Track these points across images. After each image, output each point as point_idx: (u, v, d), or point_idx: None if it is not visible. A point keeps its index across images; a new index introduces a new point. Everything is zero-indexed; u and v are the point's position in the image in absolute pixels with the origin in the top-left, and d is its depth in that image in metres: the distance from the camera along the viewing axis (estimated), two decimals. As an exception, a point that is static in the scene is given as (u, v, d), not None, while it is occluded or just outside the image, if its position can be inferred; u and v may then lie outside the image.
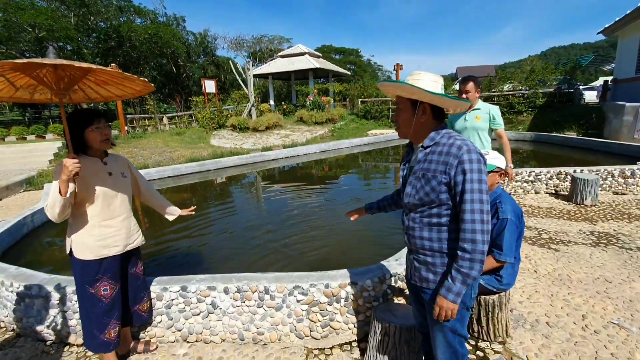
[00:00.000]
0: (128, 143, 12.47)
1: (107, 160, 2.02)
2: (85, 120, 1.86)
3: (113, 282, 2.00)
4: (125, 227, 2.04)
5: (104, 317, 1.98)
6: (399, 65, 17.40)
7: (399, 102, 1.42)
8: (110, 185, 1.96)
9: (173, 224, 4.86)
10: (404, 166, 1.56)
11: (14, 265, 3.51)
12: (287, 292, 2.32)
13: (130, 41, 23.53)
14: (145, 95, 17.36)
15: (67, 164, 1.63)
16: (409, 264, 1.56)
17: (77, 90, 2.08)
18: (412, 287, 1.60)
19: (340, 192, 6.31)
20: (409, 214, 1.47)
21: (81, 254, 1.90)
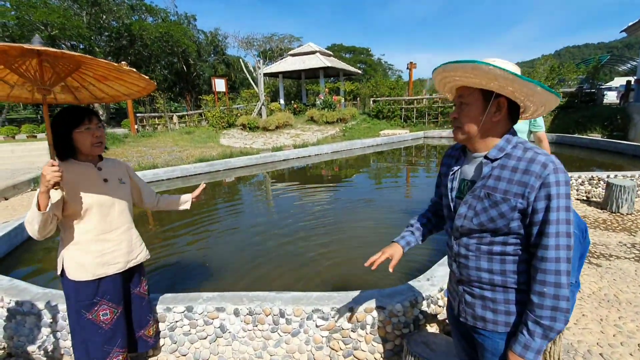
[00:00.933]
0: (137, 142, 12.37)
1: (101, 165, 1.76)
2: (72, 120, 1.60)
3: (114, 305, 1.74)
4: (125, 240, 1.78)
5: (105, 346, 1.72)
6: (412, 63, 16.96)
7: (464, 93, 1.10)
8: (107, 193, 1.71)
9: (176, 228, 4.63)
10: (452, 176, 1.24)
11: (10, 273, 3.33)
12: (305, 315, 2.04)
13: (141, 40, 23.55)
14: (155, 94, 17.27)
15: (45, 172, 1.36)
16: (455, 295, 1.26)
17: (80, 89, 1.82)
18: (459, 323, 1.30)
19: (357, 195, 6.01)
20: (460, 238, 1.17)
21: (75, 274, 1.64)
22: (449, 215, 1.23)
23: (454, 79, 1.11)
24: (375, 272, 3.23)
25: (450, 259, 1.24)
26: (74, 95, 1.86)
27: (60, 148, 1.61)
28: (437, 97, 15.45)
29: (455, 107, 1.15)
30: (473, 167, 1.16)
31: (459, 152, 1.25)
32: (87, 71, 1.64)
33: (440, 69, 1.10)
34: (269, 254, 3.71)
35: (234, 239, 4.17)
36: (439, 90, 1.25)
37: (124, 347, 1.79)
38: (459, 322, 1.28)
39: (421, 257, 3.52)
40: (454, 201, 1.20)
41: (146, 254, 1.93)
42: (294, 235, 4.21)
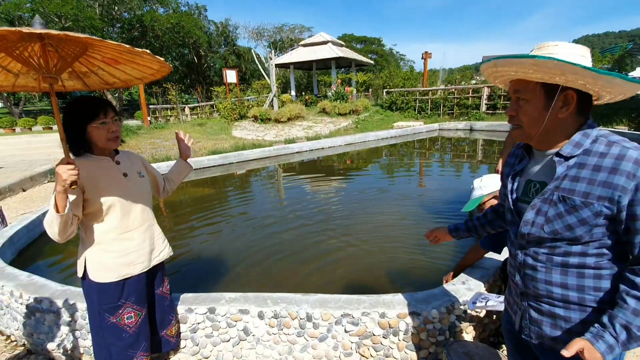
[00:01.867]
0: (151, 134, 12.39)
1: (119, 159, 1.65)
2: (87, 113, 1.47)
3: (138, 308, 1.65)
4: (148, 237, 1.69)
5: (129, 350, 1.63)
6: (427, 53, 16.48)
7: (521, 88, 0.94)
8: (128, 189, 1.60)
9: (189, 222, 4.56)
10: (514, 176, 1.08)
11: (29, 267, 3.31)
12: (334, 320, 1.92)
13: (153, 31, 23.57)
14: (167, 85, 17.25)
15: (60, 171, 1.24)
16: (516, 309, 1.12)
17: (89, 74, 1.68)
18: (518, 339, 1.16)
19: (374, 189, 5.85)
20: (527, 247, 1.03)
21: (99, 276, 1.54)
22: (511, 221, 1.09)
23: (509, 73, 0.95)
24: (399, 272, 3.10)
25: (512, 269, 1.10)
26: (83, 82, 1.72)
27: (74, 142, 1.50)
28: (452, 87, 15.04)
29: (511, 103, 1.00)
30: (540, 167, 1.01)
31: (522, 151, 1.09)
32: (95, 54, 1.49)
33: (490, 63, 0.94)
34: (285, 250, 3.60)
35: (250, 234, 4.08)
36: (489, 82, 1.08)
37: (147, 350, 1.71)
38: (519, 338, 1.14)
39: (448, 256, 3.36)
40: (516, 205, 1.05)
41: (169, 250, 1.84)
42: (312, 230, 4.10)
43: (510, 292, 1.17)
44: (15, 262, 3.16)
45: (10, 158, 9.88)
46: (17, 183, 6.86)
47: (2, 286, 2.39)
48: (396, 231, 3.98)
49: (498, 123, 12.34)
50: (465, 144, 10.57)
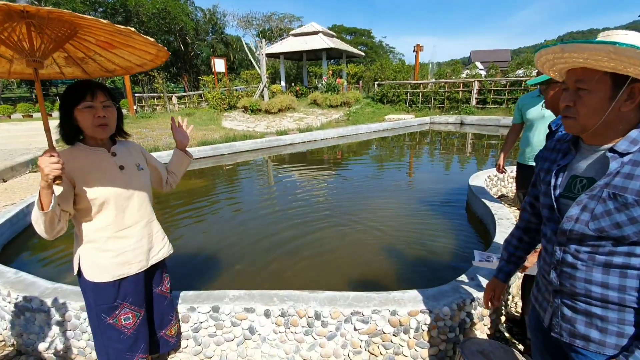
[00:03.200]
0: (137, 123, 12.01)
1: (116, 150, 1.52)
2: (72, 97, 1.34)
3: (136, 308, 1.55)
4: (146, 235, 1.57)
5: (127, 353, 1.55)
6: (419, 46, 16.42)
7: (586, 77, 0.89)
8: (124, 183, 1.48)
9: (183, 216, 4.44)
10: (557, 171, 1.03)
11: (14, 262, 3.14)
12: (343, 318, 1.87)
13: (137, 16, 22.71)
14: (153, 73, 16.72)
15: (42, 164, 1.12)
16: (546, 306, 1.08)
17: (86, 60, 1.55)
18: (546, 337, 1.13)
19: (370, 182, 5.81)
20: (567, 244, 0.99)
21: (94, 275, 1.45)
22: (549, 217, 1.04)
23: (576, 60, 0.88)
24: (402, 266, 3.08)
25: (547, 266, 1.06)
26: (82, 68, 1.59)
27: (64, 130, 1.40)
28: (443, 81, 15.08)
29: (567, 93, 0.94)
30: (590, 162, 0.96)
31: (567, 145, 1.04)
32: (87, 37, 1.36)
33: (555, 48, 0.88)
34: (285, 246, 3.53)
35: (247, 228, 3.99)
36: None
37: (146, 352, 1.63)
38: (547, 336, 1.11)
39: (448, 249, 3.35)
40: (558, 201, 1.01)
41: (169, 248, 1.74)
42: (311, 224, 4.03)
43: (539, 289, 1.13)
44: (0, 258, 3.00)
45: (-13, 147, 9.41)
46: (-4, 173, 6.53)
47: (-14, 284, 2.24)
48: (396, 225, 3.95)
49: (488, 117, 12.47)
50: (454, 137, 10.63)
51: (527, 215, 1.29)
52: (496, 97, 13.69)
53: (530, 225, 1.29)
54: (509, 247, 1.35)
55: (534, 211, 1.26)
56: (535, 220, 1.27)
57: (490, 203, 3.40)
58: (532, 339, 1.23)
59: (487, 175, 4.50)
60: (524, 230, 1.31)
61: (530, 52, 17.52)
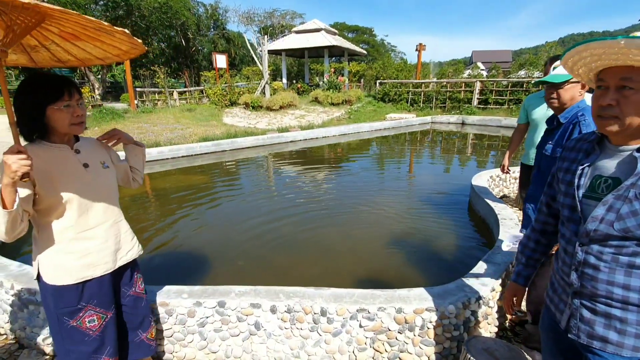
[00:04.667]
0: (138, 118, 11.98)
1: (79, 147, 1.44)
2: (49, 93, 1.27)
3: (102, 310, 1.46)
4: (112, 236, 1.49)
5: (92, 355, 1.45)
6: (421, 45, 16.39)
7: (633, 75, 0.87)
8: (88, 181, 1.40)
9: (183, 211, 4.43)
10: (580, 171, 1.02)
11: (17, 255, 3.14)
12: (349, 315, 1.88)
13: (139, 10, 22.56)
14: (155, 68, 16.64)
15: (9, 160, 1.06)
16: (564, 307, 1.08)
17: (38, 49, 1.44)
18: (562, 338, 1.13)
19: (372, 180, 5.81)
20: (589, 244, 0.98)
21: (55, 278, 1.35)
22: (570, 218, 1.04)
23: (621, 58, 0.85)
24: (403, 265, 3.08)
25: (566, 267, 1.06)
26: (29, 57, 1.48)
27: (28, 127, 1.30)
28: (445, 81, 15.07)
29: (607, 92, 0.92)
30: (616, 162, 0.95)
31: (591, 144, 1.04)
32: (52, 27, 1.27)
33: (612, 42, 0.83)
34: (288, 242, 3.54)
35: (250, 225, 3.98)
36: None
37: (114, 355, 1.52)
38: (562, 337, 1.11)
39: (451, 247, 3.36)
40: (581, 201, 1.00)
41: (138, 249, 1.65)
42: (313, 222, 4.04)
43: (554, 290, 1.13)
44: (2, 250, 2.98)
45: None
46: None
47: (-10, 276, 2.24)
48: (399, 224, 3.96)
49: (489, 118, 12.47)
50: (456, 137, 10.63)
51: (543, 217, 1.27)
52: (498, 98, 13.69)
53: (546, 227, 1.27)
54: (526, 250, 1.34)
55: (550, 212, 1.25)
56: (552, 221, 1.25)
57: (493, 203, 3.41)
58: (544, 338, 1.23)
59: (489, 175, 4.51)
60: (541, 232, 1.30)
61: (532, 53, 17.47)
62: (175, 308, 1.93)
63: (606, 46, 0.85)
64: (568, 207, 1.04)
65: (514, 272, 1.37)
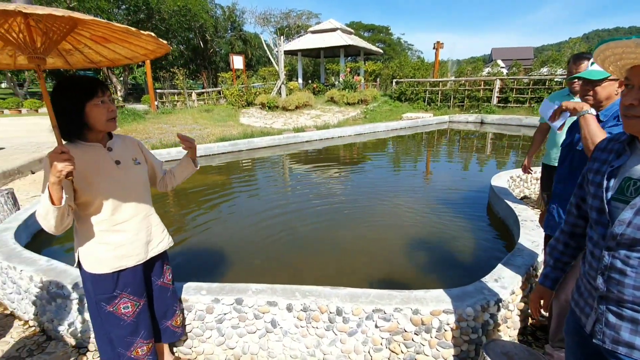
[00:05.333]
0: (158, 119, 12.29)
1: (111, 145, 1.53)
2: (86, 91, 1.35)
3: (135, 298, 1.57)
4: (144, 229, 1.58)
5: (128, 337, 1.59)
6: (439, 43, 16.15)
7: None
8: (120, 177, 1.49)
9: (202, 210, 4.52)
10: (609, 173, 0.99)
11: (44, 251, 3.28)
12: (365, 315, 1.87)
13: (159, 13, 23.16)
14: (174, 70, 17.04)
15: (54, 160, 1.15)
16: (589, 311, 1.05)
17: (73, 52, 1.55)
18: (586, 343, 1.10)
19: (391, 178, 5.77)
20: (617, 249, 0.95)
21: (92, 267, 1.48)
22: (598, 220, 1.00)
23: None
24: (419, 266, 3.05)
25: (592, 271, 1.02)
26: (65, 60, 1.58)
27: (69, 126, 1.38)
28: (463, 79, 14.78)
29: (632, 91, 0.89)
30: None
31: (622, 145, 1.00)
32: (84, 32, 1.36)
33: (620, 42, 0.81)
34: (304, 241, 3.56)
35: (266, 224, 4.03)
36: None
37: (148, 338, 1.65)
38: (588, 342, 1.08)
39: (467, 248, 3.30)
40: (609, 204, 0.97)
41: (169, 241, 1.74)
42: (328, 221, 4.04)
43: (580, 294, 1.10)
44: (30, 246, 3.12)
45: (16, 140, 9.83)
46: (26, 165, 6.83)
47: (20, 271, 2.35)
48: (415, 224, 3.92)
49: (510, 117, 12.16)
50: (474, 136, 10.41)
51: (572, 219, 1.23)
52: (518, 96, 13.33)
53: (576, 229, 1.23)
54: (555, 252, 1.30)
55: (580, 214, 1.21)
56: (582, 223, 1.21)
57: (513, 204, 3.32)
58: (568, 342, 1.20)
59: (509, 175, 4.40)
60: (570, 234, 1.25)
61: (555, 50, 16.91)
62: (195, 304, 1.98)
63: (622, 45, 0.83)
64: (596, 210, 1.01)
65: (541, 275, 1.34)
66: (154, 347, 1.70)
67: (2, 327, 2.39)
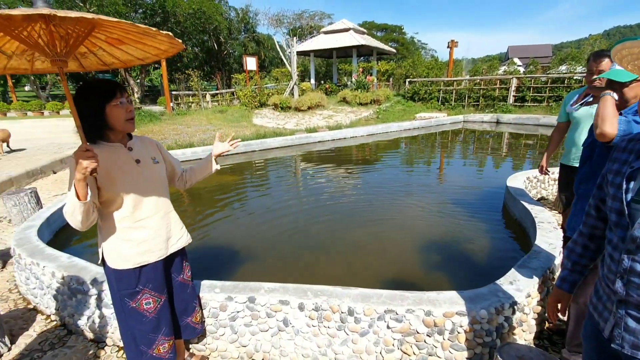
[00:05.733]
0: (173, 120, 12.53)
1: (131, 145, 1.58)
2: (105, 93, 1.41)
3: (156, 294, 1.62)
4: (164, 226, 1.64)
5: (150, 334, 1.64)
6: (453, 42, 15.92)
7: None
8: (140, 176, 1.55)
9: (214, 209, 4.58)
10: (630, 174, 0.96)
11: (66, 248, 3.39)
12: (377, 315, 1.87)
13: (175, 16, 23.60)
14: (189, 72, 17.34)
15: (79, 158, 1.21)
16: (608, 316, 1.02)
17: (87, 55, 1.60)
18: (604, 347, 1.07)
19: (403, 179, 5.74)
20: (636, 252, 0.92)
21: (116, 263, 1.53)
22: (618, 223, 0.98)
23: None
24: (432, 267, 3.02)
25: (612, 274, 1.00)
26: (79, 62, 1.63)
27: (91, 127, 1.43)
28: (479, 78, 14.53)
29: None
30: None
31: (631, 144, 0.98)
32: (100, 34, 1.40)
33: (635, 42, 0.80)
34: (316, 241, 3.57)
35: (278, 223, 4.06)
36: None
37: (170, 335, 1.70)
38: (606, 346, 1.05)
39: (480, 250, 3.25)
40: (629, 206, 0.94)
41: (188, 238, 1.79)
42: (341, 221, 4.05)
43: (599, 298, 1.07)
44: (53, 244, 3.23)
45: (39, 141, 10.18)
46: (48, 165, 7.06)
47: (43, 267, 2.44)
48: (429, 225, 3.88)
49: (527, 116, 11.89)
50: (490, 136, 10.22)
51: (591, 221, 1.20)
52: (536, 95, 13.03)
53: (595, 231, 1.20)
54: (573, 255, 1.26)
55: (599, 215, 1.17)
56: (601, 225, 1.18)
57: (530, 205, 3.25)
58: (586, 347, 1.17)
59: (526, 176, 4.31)
60: (589, 237, 1.22)
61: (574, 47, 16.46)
62: (209, 302, 2.02)
63: (638, 45, 0.81)
64: (615, 212, 0.98)
65: (558, 277, 1.31)
66: (174, 344, 1.75)
67: (26, 321, 2.49)
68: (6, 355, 2.15)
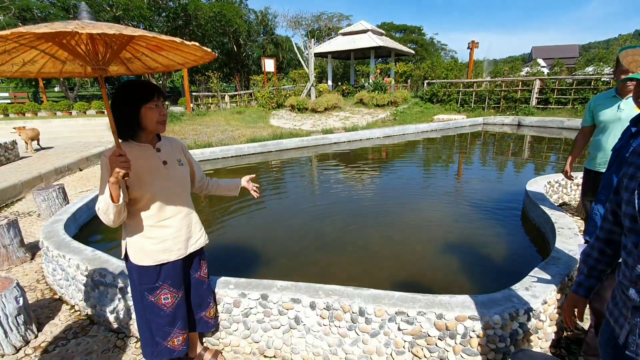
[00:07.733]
0: (193, 120, 12.82)
1: (160, 146, 1.64)
2: (142, 95, 1.47)
3: (174, 290, 1.69)
4: (185, 226, 1.69)
5: (166, 327, 1.71)
6: (474, 42, 15.61)
7: None
8: (167, 177, 1.60)
9: (231, 208, 4.66)
10: None
11: (91, 242, 3.54)
12: (387, 317, 1.87)
13: (196, 19, 24.16)
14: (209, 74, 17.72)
15: (113, 163, 1.29)
16: (623, 322, 0.99)
17: (132, 60, 1.69)
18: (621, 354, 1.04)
19: (419, 182, 5.68)
20: None
21: (138, 259, 1.60)
22: (631, 228, 0.96)
23: None
24: (446, 271, 2.99)
25: (627, 281, 0.98)
26: (126, 67, 1.73)
27: (124, 125, 1.50)
28: (500, 79, 14.20)
29: None
30: None
31: None
32: (140, 42, 1.49)
33: None
34: (330, 241, 3.59)
35: (293, 223, 4.11)
36: (629, 68, 0.94)
37: (184, 329, 1.77)
38: (622, 353, 1.03)
39: (495, 256, 3.19)
40: None
41: (205, 239, 1.85)
42: (355, 222, 4.05)
43: (615, 304, 1.05)
44: (78, 237, 3.38)
45: (67, 139, 10.64)
46: (75, 163, 7.37)
47: (69, 259, 2.56)
48: (444, 228, 3.83)
49: (550, 119, 11.53)
50: (510, 139, 9.97)
51: (608, 225, 1.17)
52: (560, 97, 12.61)
53: (612, 236, 1.17)
54: (589, 260, 1.24)
55: (616, 220, 1.14)
56: (618, 230, 1.15)
57: (550, 211, 3.17)
58: (602, 353, 1.15)
59: (547, 181, 4.19)
60: (606, 242, 1.19)
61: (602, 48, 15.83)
62: (223, 297, 2.07)
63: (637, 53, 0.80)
64: (629, 217, 0.96)
65: (574, 283, 1.29)
66: (188, 337, 1.82)
67: (52, 310, 2.62)
68: (33, 342, 2.28)
